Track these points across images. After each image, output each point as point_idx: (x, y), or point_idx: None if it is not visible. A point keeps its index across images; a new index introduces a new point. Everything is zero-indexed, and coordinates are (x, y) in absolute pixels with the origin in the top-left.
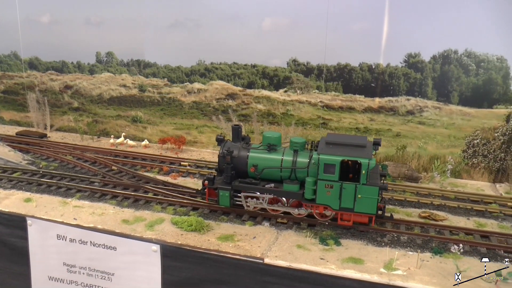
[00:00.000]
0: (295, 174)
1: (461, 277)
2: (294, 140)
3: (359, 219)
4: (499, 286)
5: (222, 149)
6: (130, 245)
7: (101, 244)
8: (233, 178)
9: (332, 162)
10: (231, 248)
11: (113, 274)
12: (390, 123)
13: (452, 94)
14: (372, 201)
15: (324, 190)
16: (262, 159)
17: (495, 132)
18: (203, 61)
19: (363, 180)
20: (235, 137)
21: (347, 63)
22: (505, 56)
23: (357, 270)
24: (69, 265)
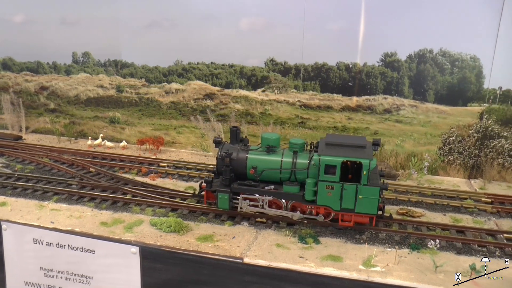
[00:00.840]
0: (295, 175)
1: (438, 270)
2: (294, 141)
3: (360, 220)
4: (474, 279)
5: (220, 151)
6: (108, 247)
7: (79, 247)
8: (232, 180)
9: (333, 163)
10: (211, 248)
11: (92, 277)
12: (367, 121)
13: (428, 92)
14: (373, 201)
15: (325, 191)
16: (261, 160)
17: (469, 130)
18: (180, 61)
19: (364, 181)
20: (233, 138)
21: (324, 63)
22: (478, 55)
23: (336, 268)
24: (47, 269)
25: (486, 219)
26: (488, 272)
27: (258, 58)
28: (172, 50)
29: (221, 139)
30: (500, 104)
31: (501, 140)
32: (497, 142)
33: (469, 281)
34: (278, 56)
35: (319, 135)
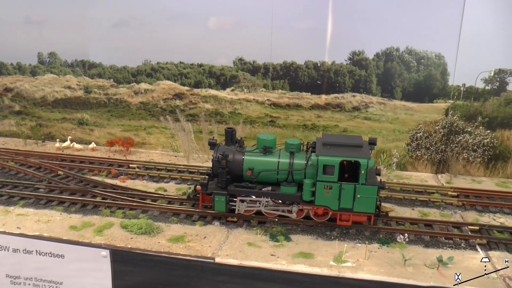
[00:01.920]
0: (292, 176)
1: (407, 263)
2: (290, 142)
3: (358, 219)
4: (441, 271)
5: (216, 153)
6: (78, 252)
7: (47, 252)
8: (228, 182)
9: (331, 163)
10: (182, 249)
11: (62, 283)
12: (337, 119)
13: (395, 90)
14: (371, 200)
15: (323, 191)
16: (258, 162)
17: (436, 126)
18: (149, 61)
19: (362, 180)
20: (229, 140)
21: (293, 61)
22: (442, 53)
23: (308, 265)
24: (13, 276)
25: (452, 212)
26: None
27: (227, 57)
28: (140, 49)
29: (215, 141)
30: (464, 100)
31: (465, 135)
32: (462, 137)
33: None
34: (246, 55)
35: (289, 134)
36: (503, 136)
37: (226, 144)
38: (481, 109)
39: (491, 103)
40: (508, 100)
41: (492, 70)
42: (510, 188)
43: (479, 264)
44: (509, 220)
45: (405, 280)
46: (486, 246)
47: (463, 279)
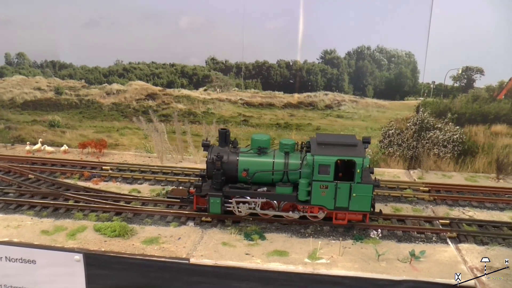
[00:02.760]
0: (287, 176)
1: (380, 258)
2: (284, 142)
3: (353, 217)
4: (413, 264)
5: (210, 155)
6: (50, 256)
7: (18, 258)
8: (223, 184)
9: (327, 163)
10: (156, 251)
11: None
12: (309, 117)
13: (367, 88)
14: (366, 198)
15: (319, 191)
16: (253, 163)
17: (407, 122)
18: (121, 61)
19: (358, 179)
20: (222, 141)
21: (265, 61)
22: (412, 51)
23: (282, 262)
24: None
25: (424, 207)
26: (424, 256)
27: (199, 57)
28: (111, 49)
29: (209, 142)
30: (434, 97)
31: (436, 131)
32: (433, 134)
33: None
34: (219, 55)
35: (262, 133)
36: (471, 132)
37: (220, 145)
38: (450, 105)
39: (460, 100)
40: (475, 97)
41: (460, 67)
42: (478, 182)
43: (450, 257)
44: (478, 213)
45: (379, 274)
46: (456, 239)
47: (434, 272)
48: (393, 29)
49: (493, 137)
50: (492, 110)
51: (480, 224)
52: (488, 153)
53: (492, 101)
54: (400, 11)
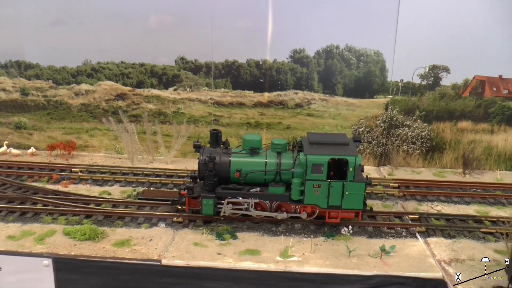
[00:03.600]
0: (280, 176)
1: (351, 254)
2: (276, 142)
3: (346, 216)
4: (384, 260)
5: (202, 156)
6: (17, 262)
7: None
8: (215, 185)
9: (320, 162)
10: (128, 253)
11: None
12: (280, 116)
13: (336, 86)
14: (359, 197)
15: (312, 190)
16: (245, 163)
17: (376, 120)
18: (89, 61)
19: (351, 177)
20: (214, 142)
21: (234, 60)
22: (381, 50)
23: (254, 261)
24: None
25: (394, 202)
26: (394, 251)
27: (168, 56)
28: (79, 49)
29: (200, 143)
30: (402, 95)
31: (404, 128)
32: (402, 131)
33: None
34: (188, 54)
35: (233, 132)
36: (438, 129)
37: (211, 146)
38: (418, 103)
39: (427, 98)
40: (442, 94)
41: (427, 66)
42: (446, 177)
43: (419, 251)
44: (445, 207)
45: (350, 270)
46: (425, 233)
47: (404, 266)
48: (362, 28)
49: (459, 134)
50: (458, 107)
51: (447, 218)
52: (455, 149)
53: (458, 99)
54: (368, 10)
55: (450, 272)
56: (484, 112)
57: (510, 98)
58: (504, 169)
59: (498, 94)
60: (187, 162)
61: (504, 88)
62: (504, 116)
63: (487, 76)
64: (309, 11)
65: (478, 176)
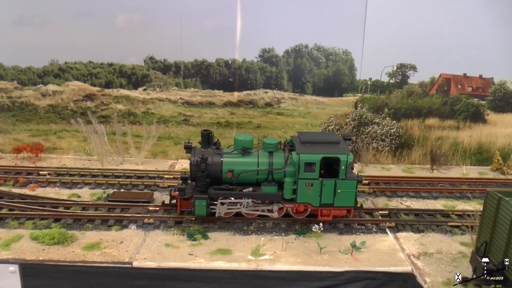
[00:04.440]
0: (272, 175)
1: (323, 251)
2: (268, 142)
3: (338, 213)
4: (354, 255)
5: (193, 157)
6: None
7: None
8: (208, 186)
9: (312, 161)
10: (98, 256)
11: None
12: (250, 115)
13: (306, 85)
14: (351, 194)
15: (305, 188)
16: (237, 163)
17: (346, 118)
18: (56, 61)
19: (343, 175)
20: (205, 142)
21: (204, 59)
22: (349, 49)
23: (226, 261)
24: None
25: (364, 199)
26: (365, 246)
27: (137, 56)
28: (45, 48)
29: (191, 144)
30: (371, 93)
31: (374, 126)
32: (371, 128)
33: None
34: (157, 54)
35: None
36: (407, 126)
37: (203, 146)
38: (387, 101)
39: (395, 95)
40: (409, 92)
41: (395, 65)
42: (414, 173)
43: (389, 246)
44: (414, 202)
45: (321, 267)
46: (394, 229)
47: (375, 261)
48: (330, 28)
49: (427, 130)
50: (425, 105)
51: (416, 213)
52: (423, 146)
53: (425, 96)
54: (336, 10)
55: (419, 265)
56: (450, 109)
57: (474, 96)
58: (469, 164)
59: (463, 92)
60: (158, 163)
61: (468, 85)
62: (468, 113)
63: (453, 74)
64: (277, 11)
65: (445, 172)
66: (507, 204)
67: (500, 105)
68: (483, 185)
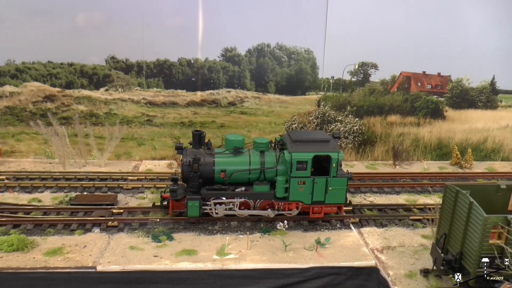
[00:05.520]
0: (264, 175)
1: (288, 248)
2: (259, 141)
3: (329, 210)
4: (319, 252)
5: (185, 157)
6: None
7: None
8: (200, 186)
9: (304, 159)
10: (60, 262)
11: None
12: (213, 115)
13: (269, 84)
14: (341, 191)
15: (297, 187)
16: (230, 163)
17: (309, 116)
18: (13, 61)
19: (334, 173)
20: (196, 143)
21: (166, 59)
22: (311, 48)
23: (191, 261)
24: None
25: None
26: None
27: (99, 55)
28: (1, 48)
29: (182, 145)
30: (334, 91)
31: (337, 123)
32: (334, 126)
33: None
34: (119, 53)
35: (167, 132)
36: (369, 123)
37: (194, 147)
38: (349, 99)
39: (358, 93)
40: (371, 90)
41: (356, 63)
42: (377, 169)
43: (353, 241)
44: (377, 198)
45: (287, 264)
46: (358, 224)
47: (339, 256)
48: (292, 27)
49: (389, 127)
50: (387, 102)
51: (379, 208)
52: (385, 142)
53: (387, 94)
54: (297, 9)
55: (382, 259)
56: (411, 106)
57: (434, 93)
58: (430, 159)
59: (422, 89)
60: (121, 164)
61: (428, 83)
62: (428, 110)
63: (413, 72)
64: (239, 10)
65: (407, 167)
66: (464, 197)
67: (457, 101)
68: (443, 179)
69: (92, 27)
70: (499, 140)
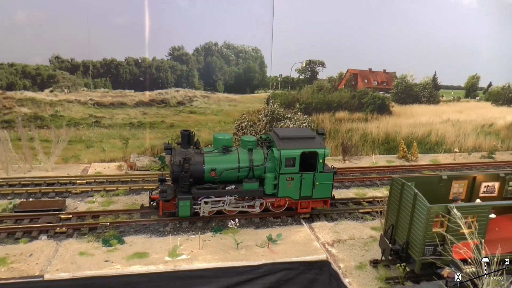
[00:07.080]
0: (253, 172)
1: (239, 246)
2: (246, 139)
3: (316, 205)
4: (271, 248)
5: (174, 157)
6: None
7: None
8: (191, 185)
9: (293, 156)
10: (4, 272)
11: None
12: (162, 115)
13: (217, 83)
14: (328, 186)
15: (286, 183)
16: (219, 162)
17: (259, 114)
18: None
19: (320, 168)
20: (185, 143)
21: (113, 58)
22: (259, 47)
23: (143, 264)
24: None
25: None
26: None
27: (42, 55)
28: None
29: (171, 145)
30: (282, 89)
31: (286, 121)
32: (284, 123)
33: (249, 249)
34: (63, 53)
35: (116, 133)
36: (318, 120)
37: (182, 146)
38: (298, 96)
39: (306, 91)
40: (319, 87)
41: (304, 61)
42: None
43: (304, 236)
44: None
45: (239, 262)
46: (309, 219)
47: (291, 252)
48: (239, 26)
49: (338, 123)
50: (335, 99)
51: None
52: (335, 138)
53: (334, 91)
54: (244, 8)
55: (333, 252)
56: (358, 102)
57: (380, 89)
58: (378, 153)
59: (369, 86)
60: (69, 168)
61: (374, 80)
62: (375, 106)
63: (359, 69)
64: (186, 8)
65: (356, 162)
66: (409, 188)
67: (402, 97)
68: (391, 172)
69: (33, 26)
70: (441, 133)
